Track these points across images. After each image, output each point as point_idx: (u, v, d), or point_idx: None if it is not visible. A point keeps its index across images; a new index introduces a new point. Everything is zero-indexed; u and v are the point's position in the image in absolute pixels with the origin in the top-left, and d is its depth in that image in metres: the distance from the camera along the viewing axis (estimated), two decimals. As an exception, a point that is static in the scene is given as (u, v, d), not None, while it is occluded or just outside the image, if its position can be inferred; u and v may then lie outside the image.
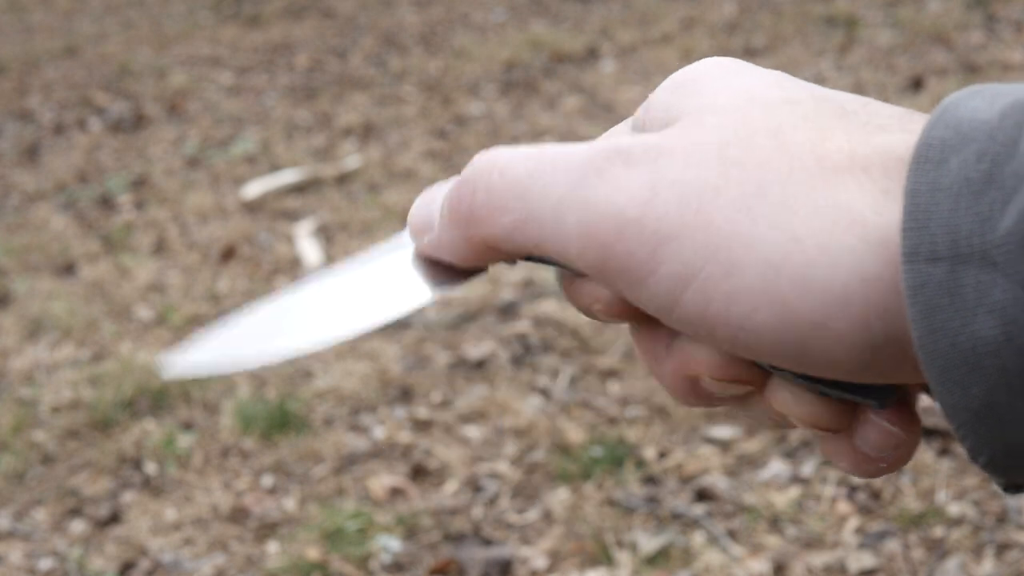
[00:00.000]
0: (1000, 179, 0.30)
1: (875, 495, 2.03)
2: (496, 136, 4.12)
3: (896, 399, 0.37)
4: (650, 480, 2.14)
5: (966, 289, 0.30)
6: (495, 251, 0.39)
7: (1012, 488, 0.34)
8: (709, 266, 0.34)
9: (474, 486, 2.19)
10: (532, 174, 0.37)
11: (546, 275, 2.63)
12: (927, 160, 0.32)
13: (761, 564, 1.89)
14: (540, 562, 1.96)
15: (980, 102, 0.32)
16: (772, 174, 0.34)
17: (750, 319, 0.33)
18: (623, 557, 1.94)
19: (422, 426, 2.41)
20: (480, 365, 2.59)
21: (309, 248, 3.30)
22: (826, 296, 0.33)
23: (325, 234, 3.45)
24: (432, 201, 0.43)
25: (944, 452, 2.11)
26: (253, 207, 3.70)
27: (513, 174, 0.38)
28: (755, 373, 0.38)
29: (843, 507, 2.01)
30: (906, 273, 0.31)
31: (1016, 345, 0.30)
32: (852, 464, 0.38)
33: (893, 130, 0.35)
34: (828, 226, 0.33)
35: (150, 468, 2.37)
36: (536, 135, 4.03)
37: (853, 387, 0.37)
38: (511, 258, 0.39)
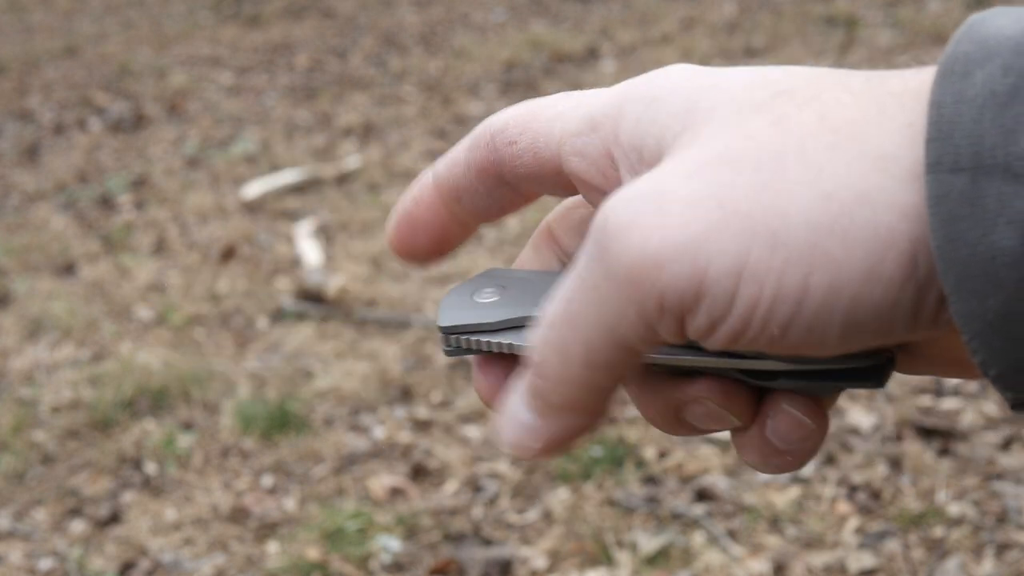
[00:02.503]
0: None
1: (875, 495, 2.03)
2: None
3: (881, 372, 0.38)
4: (650, 480, 2.14)
5: (987, 200, 0.30)
6: (592, 393, 0.38)
7: (1020, 407, 0.34)
8: (755, 248, 0.33)
9: (474, 486, 2.20)
10: (566, 298, 0.37)
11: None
12: (952, 73, 0.32)
13: (761, 564, 1.89)
14: (540, 562, 1.96)
15: (1005, 20, 0.32)
16: (784, 149, 0.34)
17: (804, 285, 0.33)
18: (623, 557, 1.94)
19: (422, 426, 2.41)
20: (480, 365, 2.59)
21: (309, 248, 3.30)
22: (873, 241, 0.32)
23: (325, 234, 3.45)
24: (512, 413, 0.40)
25: (944, 452, 2.11)
26: (253, 207, 3.70)
27: (555, 315, 0.37)
28: (749, 399, 0.39)
29: (843, 507, 2.01)
30: (928, 183, 0.31)
31: None
32: (760, 456, 0.39)
33: (903, 75, 0.35)
34: (855, 173, 0.33)
35: (150, 468, 2.37)
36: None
37: (847, 374, 0.37)
38: (612, 386, 0.38)
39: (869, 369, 0.37)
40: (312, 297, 2.98)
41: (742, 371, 0.39)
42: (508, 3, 5.89)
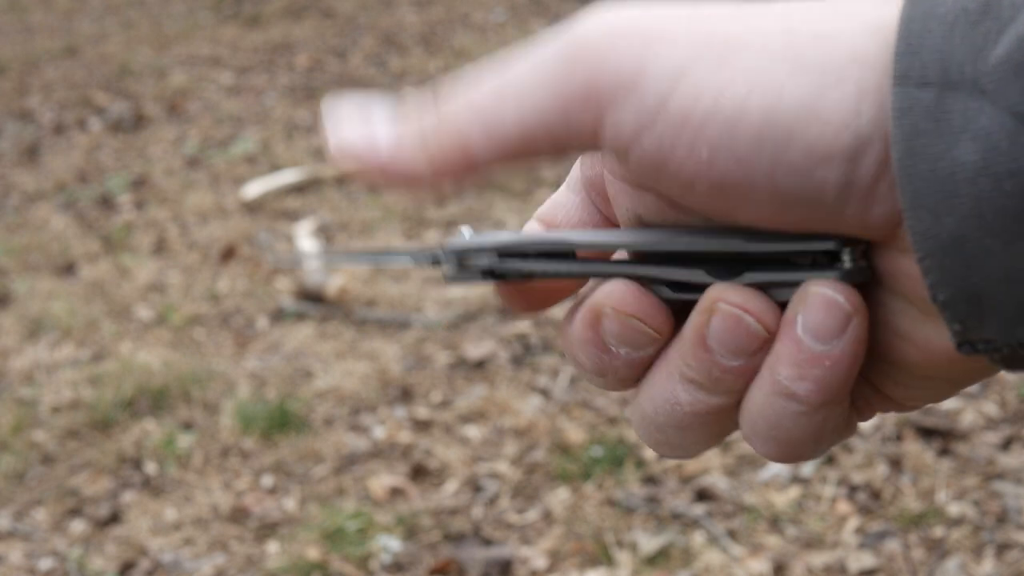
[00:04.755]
0: (996, 9, 0.30)
1: (875, 495, 2.03)
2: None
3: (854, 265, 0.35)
4: (650, 480, 2.14)
5: (952, 115, 0.30)
6: (460, 153, 0.36)
7: (967, 345, 0.33)
8: (702, 60, 0.33)
9: (474, 486, 2.20)
10: (514, 58, 0.37)
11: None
12: None
13: (761, 564, 1.89)
14: (540, 562, 1.96)
15: None
16: (771, 4, 0.35)
17: (741, 106, 0.32)
18: (623, 557, 1.94)
19: (422, 426, 2.41)
20: (480, 365, 2.59)
21: (309, 248, 3.30)
22: (820, 75, 0.32)
23: (325, 234, 3.45)
24: (371, 114, 0.38)
25: (944, 452, 2.11)
26: (253, 207, 3.70)
27: (494, 68, 0.37)
28: (663, 313, 0.38)
29: (843, 507, 2.01)
30: (894, 96, 0.31)
31: (993, 172, 0.29)
32: (795, 368, 0.35)
33: None
34: (824, 18, 0.33)
35: (150, 468, 2.37)
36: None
37: (810, 260, 0.36)
38: (479, 165, 0.36)
39: (830, 255, 0.35)
40: (312, 297, 2.98)
41: (670, 280, 0.39)
42: (508, 3, 5.90)
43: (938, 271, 0.31)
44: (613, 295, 0.38)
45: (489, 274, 0.42)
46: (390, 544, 2.04)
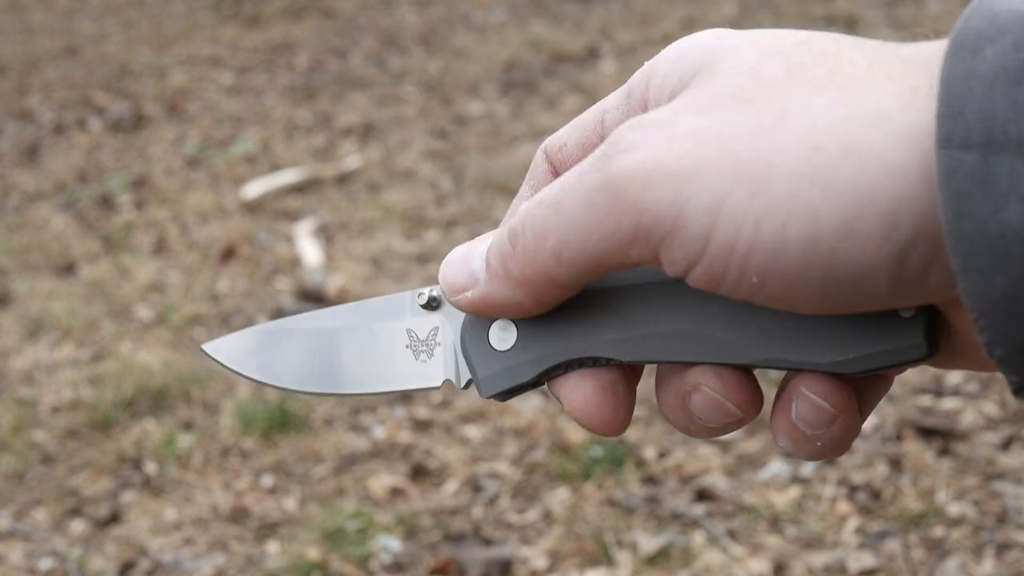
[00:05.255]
0: None
1: (875, 495, 2.03)
2: (496, 136, 4.12)
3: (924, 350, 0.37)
4: (650, 480, 2.14)
5: (998, 176, 0.30)
6: (547, 282, 0.39)
7: (1023, 392, 0.34)
8: (736, 191, 0.33)
9: (474, 486, 2.19)
10: (562, 188, 0.38)
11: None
12: (963, 48, 0.32)
13: (761, 564, 1.89)
14: (540, 562, 1.96)
15: None
16: (791, 99, 0.34)
17: (781, 235, 0.33)
18: (623, 557, 1.94)
19: (422, 426, 2.41)
20: (480, 365, 2.59)
21: (309, 248, 3.30)
22: (853, 195, 0.32)
23: (325, 234, 3.45)
24: (469, 258, 0.43)
25: (944, 452, 2.11)
26: (253, 207, 3.70)
27: (548, 198, 0.39)
28: (749, 386, 0.40)
29: (843, 507, 2.01)
30: (939, 159, 0.31)
31: None
32: (792, 442, 0.39)
33: (916, 45, 0.35)
34: (850, 128, 0.33)
35: (150, 468, 2.37)
36: (536, 135, 4.03)
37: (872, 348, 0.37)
38: (568, 286, 0.40)
39: (896, 343, 0.37)
40: (312, 297, 2.98)
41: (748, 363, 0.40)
42: (508, 3, 5.90)
43: (992, 329, 0.32)
44: (706, 374, 0.40)
45: (537, 385, 0.44)
46: (390, 544, 2.04)
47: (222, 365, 0.46)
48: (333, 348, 0.46)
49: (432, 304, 0.45)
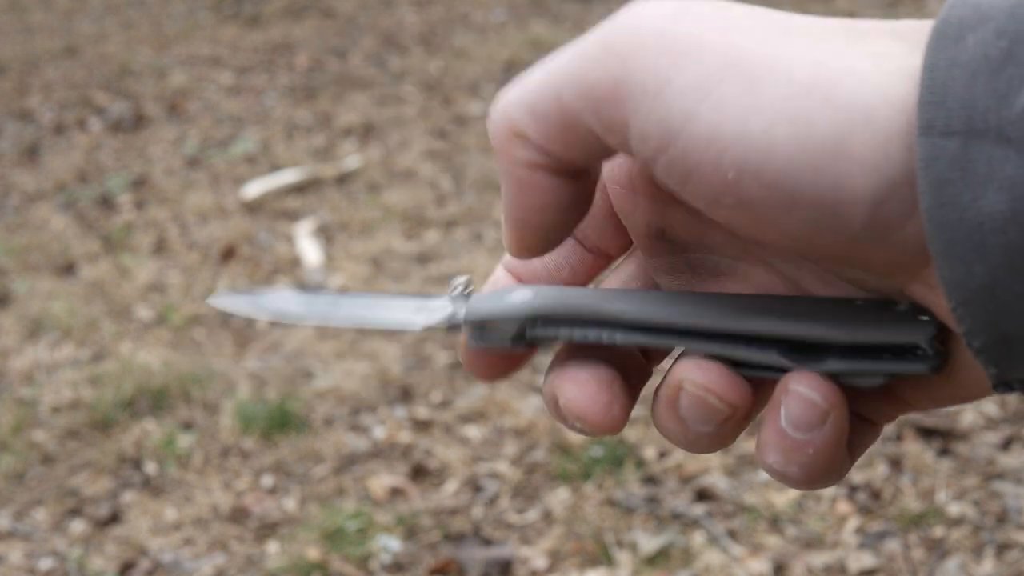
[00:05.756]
0: (1019, 56, 0.30)
1: (875, 495, 2.03)
2: (496, 136, 4.12)
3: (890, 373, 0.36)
4: (650, 480, 2.14)
5: (978, 164, 0.30)
6: (514, 136, 0.38)
7: (1003, 386, 0.33)
8: (730, 80, 0.33)
9: (474, 486, 2.19)
10: (563, 48, 0.38)
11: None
12: (946, 37, 0.32)
13: (761, 564, 1.89)
14: (540, 562, 1.96)
15: None
16: (799, 26, 0.34)
17: (767, 135, 0.32)
18: (623, 557, 1.94)
19: (422, 426, 2.41)
20: (480, 365, 2.59)
21: (309, 248, 3.30)
22: (849, 111, 0.32)
23: (325, 234, 3.45)
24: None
25: (944, 452, 2.11)
26: (253, 207, 3.70)
27: (548, 59, 0.38)
28: (738, 383, 0.38)
29: (843, 507, 2.01)
30: (920, 146, 0.31)
31: (1022, 221, 0.30)
32: (782, 454, 0.37)
33: (917, 19, 0.35)
34: (857, 55, 0.33)
35: (150, 468, 2.37)
36: (536, 135, 4.02)
37: (891, 351, 0.35)
38: (536, 147, 0.37)
39: (914, 347, 0.35)
40: (312, 297, 2.97)
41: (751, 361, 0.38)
42: (508, 3, 5.90)
43: (971, 319, 0.32)
44: (691, 371, 0.38)
45: (521, 340, 0.41)
46: (390, 544, 2.04)
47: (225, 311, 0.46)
48: (337, 300, 0.45)
49: (458, 292, 0.43)
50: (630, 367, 0.42)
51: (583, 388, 0.40)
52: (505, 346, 0.41)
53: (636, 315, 0.39)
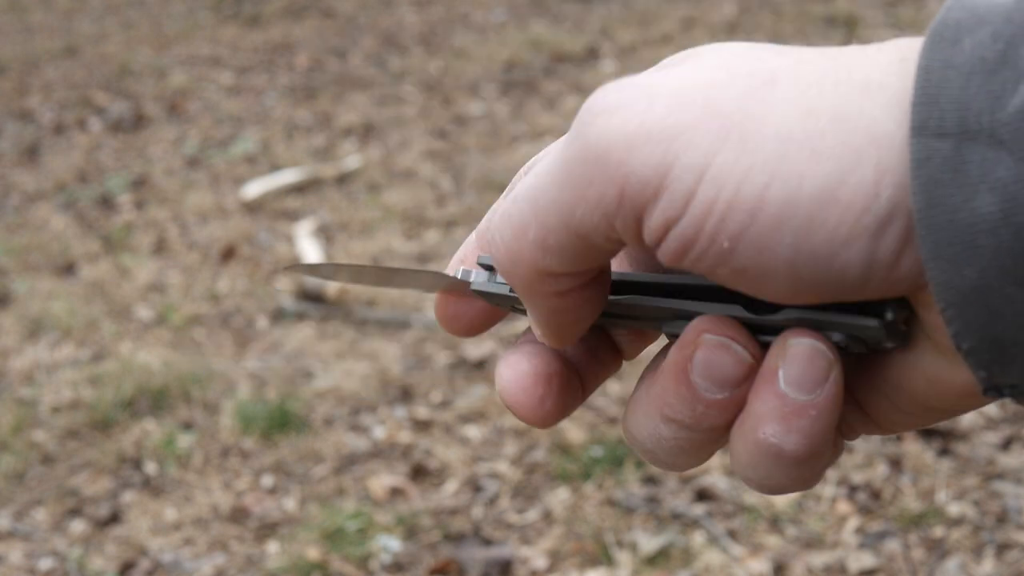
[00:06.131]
0: (1014, 59, 0.30)
1: (875, 495, 2.03)
2: (496, 136, 4.12)
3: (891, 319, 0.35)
4: (650, 480, 2.14)
5: (970, 166, 0.30)
6: (540, 275, 0.37)
7: (992, 391, 0.33)
8: (724, 151, 0.32)
9: (474, 486, 2.19)
10: (536, 175, 0.37)
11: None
12: (942, 39, 0.32)
13: (761, 564, 1.89)
14: (540, 562, 1.96)
15: None
16: (780, 68, 0.34)
17: (761, 196, 0.32)
18: (623, 557, 1.94)
19: (422, 426, 2.41)
20: (480, 365, 2.59)
21: (309, 248, 3.30)
22: (839, 161, 0.32)
23: (325, 234, 3.45)
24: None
25: (944, 452, 2.11)
26: (253, 207, 3.70)
27: (523, 192, 0.37)
28: (746, 332, 0.37)
29: (843, 507, 2.01)
30: (912, 146, 0.31)
31: (1014, 224, 0.29)
32: (781, 422, 0.35)
33: (901, 39, 0.35)
34: (843, 93, 0.33)
35: (150, 468, 2.37)
36: (536, 135, 4.03)
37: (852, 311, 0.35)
38: (563, 273, 0.37)
39: (880, 311, 0.35)
40: (312, 297, 2.98)
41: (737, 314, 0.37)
42: (508, 3, 5.90)
43: (961, 321, 0.31)
44: (709, 324, 0.37)
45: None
46: (390, 544, 2.04)
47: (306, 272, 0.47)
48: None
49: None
50: (595, 361, 0.42)
51: (519, 378, 0.40)
52: (504, 305, 0.42)
53: (637, 278, 0.40)
